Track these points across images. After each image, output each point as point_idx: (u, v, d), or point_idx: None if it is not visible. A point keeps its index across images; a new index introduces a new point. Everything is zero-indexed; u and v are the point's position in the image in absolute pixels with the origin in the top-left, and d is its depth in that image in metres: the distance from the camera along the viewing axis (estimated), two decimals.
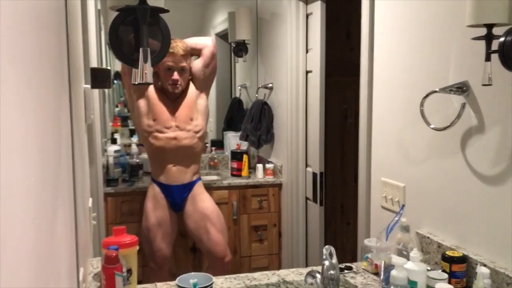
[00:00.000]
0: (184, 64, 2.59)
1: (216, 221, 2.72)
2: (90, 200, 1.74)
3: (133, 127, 3.77)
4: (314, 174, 2.91)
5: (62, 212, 0.87)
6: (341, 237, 3.62)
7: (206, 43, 2.67)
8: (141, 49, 1.13)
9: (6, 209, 0.46)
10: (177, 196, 2.70)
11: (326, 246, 1.29)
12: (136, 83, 1.14)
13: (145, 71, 1.13)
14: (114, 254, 1.26)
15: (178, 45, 2.55)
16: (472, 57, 1.41)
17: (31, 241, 0.59)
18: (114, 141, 3.30)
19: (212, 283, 1.34)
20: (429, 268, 1.44)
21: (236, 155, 3.37)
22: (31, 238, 0.59)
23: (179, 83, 2.58)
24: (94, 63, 2.40)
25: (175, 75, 2.56)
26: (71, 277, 0.99)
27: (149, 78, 1.14)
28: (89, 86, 1.60)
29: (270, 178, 3.27)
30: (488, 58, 1.27)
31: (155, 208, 2.67)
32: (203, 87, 2.72)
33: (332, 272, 1.27)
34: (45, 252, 0.68)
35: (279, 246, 3.31)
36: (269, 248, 3.29)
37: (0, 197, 0.43)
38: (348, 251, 3.42)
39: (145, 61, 1.13)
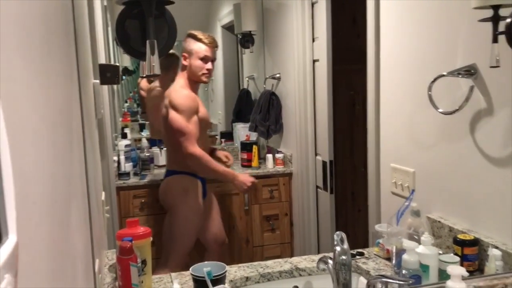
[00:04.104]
0: (215, 58, 2.72)
1: (217, 207, 2.87)
2: (103, 193, 1.76)
3: (143, 122, 3.79)
4: (324, 163, 2.91)
5: (76, 205, 0.89)
6: (353, 224, 3.63)
7: None
8: (148, 41, 1.14)
9: (20, 201, 0.47)
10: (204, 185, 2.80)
11: (337, 232, 1.30)
12: (144, 75, 1.16)
13: (152, 63, 1.14)
14: (128, 245, 1.27)
15: (215, 40, 2.66)
16: (480, 40, 1.40)
17: (46, 233, 0.60)
18: (124, 136, 3.33)
19: (225, 271, 1.35)
20: (441, 252, 1.44)
21: (246, 146, 3.38)
22: (47, 230, 0.61)
23: (211, 73, 2.70)
24: (102, 60, 2.42)
25: (210, 65, 2.64)
26: (87, 268, 1.01)
27: (157, 69, 1.15)
28: (98, 81, 1.62)
29: (280, 168, 3.28)
30: (495, 40, 1.26)
31: (198, 197, 2.69)
32: None
33: (343, 257, 1.28)
34: (61, 243, 0.70)
35: (291, 235, 3.32)
36: (281, 237, 3.31)
37: (15, 189, 0.44)
38: (359, 237, 3.42)
39: (152, 53, 1.14)
